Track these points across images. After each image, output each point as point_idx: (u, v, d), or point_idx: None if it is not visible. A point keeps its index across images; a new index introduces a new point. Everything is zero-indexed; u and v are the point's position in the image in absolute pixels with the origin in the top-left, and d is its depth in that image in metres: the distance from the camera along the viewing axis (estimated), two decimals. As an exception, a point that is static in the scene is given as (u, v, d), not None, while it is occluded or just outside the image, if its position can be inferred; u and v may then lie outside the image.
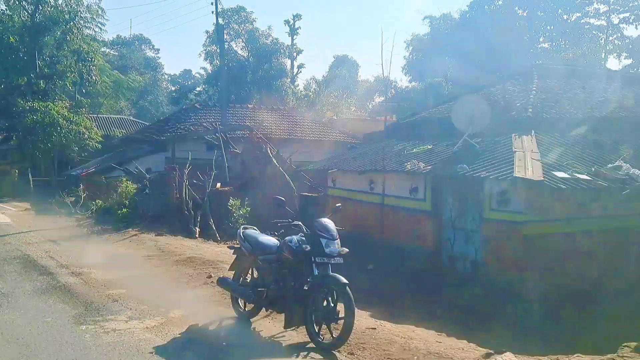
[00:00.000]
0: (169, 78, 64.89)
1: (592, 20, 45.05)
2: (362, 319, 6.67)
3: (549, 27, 48.67)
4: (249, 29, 42.35)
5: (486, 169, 9.32)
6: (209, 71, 43.71)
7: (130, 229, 13.78)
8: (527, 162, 8.93)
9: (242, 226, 6.76)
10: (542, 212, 8.60)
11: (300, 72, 46.62)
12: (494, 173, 8.93)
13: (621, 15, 41.82)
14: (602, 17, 44.02)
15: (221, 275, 7.29)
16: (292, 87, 41.21)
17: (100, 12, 31.77)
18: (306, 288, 5.64)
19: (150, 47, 63.92)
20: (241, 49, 43.39)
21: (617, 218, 8.55)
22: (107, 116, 37.69)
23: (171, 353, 5.34)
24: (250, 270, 6.51)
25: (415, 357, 5.19)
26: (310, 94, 45.02)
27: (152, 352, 5.31)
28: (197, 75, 60.53)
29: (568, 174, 8.56)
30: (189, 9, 76.14)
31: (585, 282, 8.06)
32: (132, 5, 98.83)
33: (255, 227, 6.73)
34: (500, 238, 9.04)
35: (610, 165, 9.43)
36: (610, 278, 8.02)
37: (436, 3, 74.90)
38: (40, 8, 29.49)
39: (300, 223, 5.83)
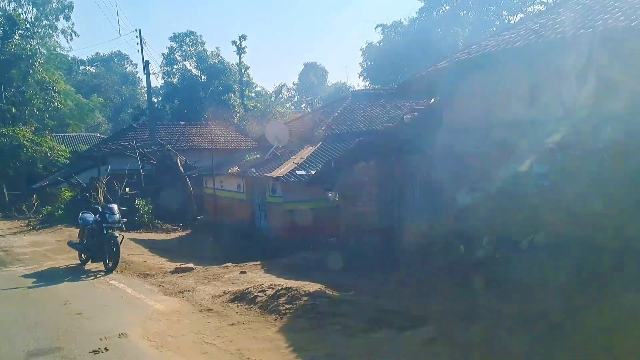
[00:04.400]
0: (151, 90, 69.60)
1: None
2: (151, 259, 11.83)
3: (493, 29, 52.92)
4: (199, 50, 47.41)
5: (273, 170, 14.42)
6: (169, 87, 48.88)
7: (60, 225, 18.87)
8: (286, 164, 14.08)
9: (82, 211, 11.87)
10: (291, 196, 13.73)
11: (249, 86, 51.65)
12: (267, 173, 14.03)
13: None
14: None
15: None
16: (239, 100, 46.18)
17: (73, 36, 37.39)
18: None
19: (129, 62, 69.11)
20: (194, 68, 48.47)
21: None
22: (74, 134, 42.64)
23: (29, 276, 10.38)
24: (84, 236, 11.60)
25: (146, 266, 10.37)
26: (260, 105, 50.29)
27: (20, 276, 10.38)
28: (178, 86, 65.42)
29: (305, 171, 13.67)
30: (164, 24, 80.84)
31: (312, 235, 13.14)
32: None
33: (90, 212, 11.81)
34: (274, 213, 14.22)
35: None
36: (327, 235, 13.10)
37: (388, 11, 79.44)
38: (6, 46, 34.58)
39: (99, 207, 10.96)
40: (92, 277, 10.02)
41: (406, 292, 6.71)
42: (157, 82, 51.39)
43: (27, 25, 34.62)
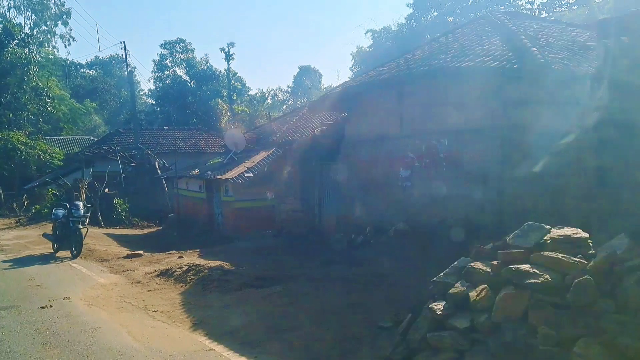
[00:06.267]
0: (149, 92, 71.91)
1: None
2: (114, 249, 13.84)
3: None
4: (189, 57, 49.55)
5: (225, 173, 16.42)
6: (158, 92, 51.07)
7: (45, 222, 20.89)
8: (238, 167, 16.08)
9: (55, 207, 13.88)
10: (241, 195, 15.73)
11: (238, 91, 53.76)
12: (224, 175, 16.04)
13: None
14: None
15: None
16: (227, 105, 48.26)
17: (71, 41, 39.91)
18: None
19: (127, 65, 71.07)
20: (184, 74, 50.62)
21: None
22: (68, 137, 44.78)
23: (8, 261, 12.39)
24: (56, 228, 13.61)
25: (106, 253, 12.38)
26: (247, 110, 52.43)
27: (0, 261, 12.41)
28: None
29: (254, 174, 15.66)
30: (157, 30, 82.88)
31: (257, 229, 15.14)
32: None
33: (63, 208, 13.82)
34: (227, 211, 16.23)
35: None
36: (269, 228, 15.11)
37: (379, 17, 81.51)
38: (3, 55, 36.78)
39: (67, 204, 13.00)
40: (59, 262, 12.05)
41: (288, 266, 8.70)
42: (149, 86, 53.54)
43: (22, 35, 36.73)
